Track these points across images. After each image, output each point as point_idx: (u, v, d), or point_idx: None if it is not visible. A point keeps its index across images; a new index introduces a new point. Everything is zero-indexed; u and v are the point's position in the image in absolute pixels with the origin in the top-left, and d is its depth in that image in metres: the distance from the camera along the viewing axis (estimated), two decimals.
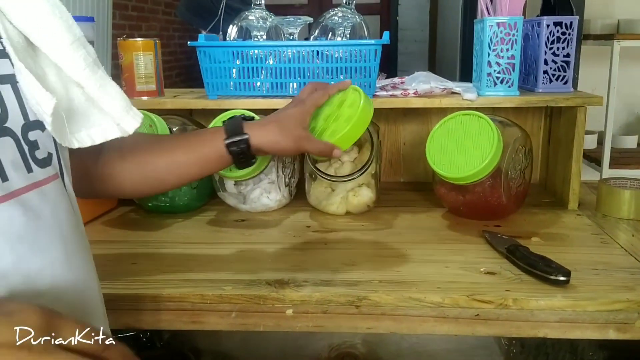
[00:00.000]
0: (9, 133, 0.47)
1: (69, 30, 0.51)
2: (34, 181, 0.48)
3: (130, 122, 0.55)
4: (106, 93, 0.53)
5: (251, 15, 1.13)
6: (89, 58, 0.52)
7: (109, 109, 0.53)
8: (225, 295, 0.72)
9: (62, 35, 0.50)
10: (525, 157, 0.98)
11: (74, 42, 0.51)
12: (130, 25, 3.31)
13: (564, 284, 0.72)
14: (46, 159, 0.51)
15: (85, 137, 0.53)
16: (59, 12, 0.51)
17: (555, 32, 1.05)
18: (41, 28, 0.49)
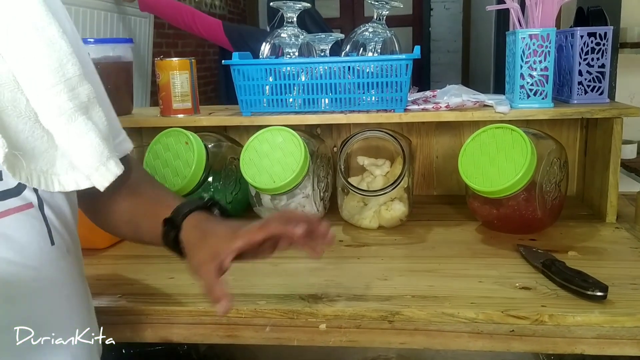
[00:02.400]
0: None
1: (57, 70, 0.48)
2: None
3: (99, 180, 0.52)
4: (77, 145, 0.50)
5: (283, 33, 1.15)
6: (68, 104, 0.49)
7: (78, 162, 0.51)
8: (259, 310, 0.73)
9: (45, 77, 0.48)
10: (560, 169, 0.96)
11: (56, 85, 0.48)
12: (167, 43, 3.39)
13: (601, 299, 0.70)
14: (11, 190, 0.50)
15: (71, 181, 0.52)
16: (49, 51, 0.48)
17: (589, 42, 1.03)
18: (25, 67, 0.47)
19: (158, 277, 0.85)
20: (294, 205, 1.07)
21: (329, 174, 1.14)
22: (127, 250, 0.98)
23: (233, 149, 1.10)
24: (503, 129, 0.92)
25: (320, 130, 1.24)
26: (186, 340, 0.76)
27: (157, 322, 0.74)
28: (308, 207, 1.07)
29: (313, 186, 1.06)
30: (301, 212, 0.70)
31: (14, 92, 0.48)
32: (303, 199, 1.07)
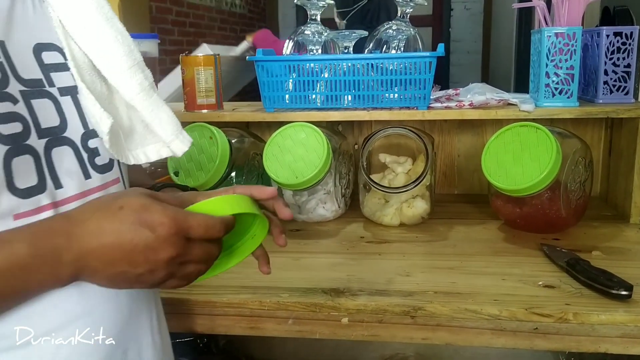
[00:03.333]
0: (67, 142, 0.50)
1: (130, 54, 0.53)
2: (89, 187, 0.51)
3: (179, 146, 0.57)
4: (157, 117, 0.55)
5: (307, 30, 1.16)
6: (145, 82, 0.54)
7: (160, 132, 0.56)
8: (282, 303, 0.74)
9: (122, 60, 0.53)
10: (585, 169, 0.96)
11: (132, 66, 0.53)
12: (187, 41, 3.42)
13: (626, 298, 0.70)
14: (107, 164, 0.54)
15: (141, 154, 0.56)
16: (121, 38, 0.54)
17: (615, 42, 1.02)
18: (103, 52, 0.52)
19: None
20: (315, 202, 1.07)
21: (350, 171, 1.14)
22: None
23: (255, 145, 1.11)
24: (528, 127, 0.92)
25: (342, 127, 1.25)
26: (210, 330, 0.77)
27: (181, 313, 0.75)
28: (329, 203, 1.08)
29: (335, 182, 1.07)
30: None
31: (92, 74, 0.53)
32: (324, 195, 1.07)
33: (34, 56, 0.49)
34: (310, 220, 1.08)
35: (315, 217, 1.08)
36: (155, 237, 0.44)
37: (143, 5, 2.89)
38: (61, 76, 0.51)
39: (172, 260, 0.46)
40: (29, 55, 0.49)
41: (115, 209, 0.45)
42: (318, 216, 1.08)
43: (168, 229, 0.45)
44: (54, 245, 0.43)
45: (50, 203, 0.47)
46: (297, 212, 1.08)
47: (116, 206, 0.45)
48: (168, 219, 0.45)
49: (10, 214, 0.44)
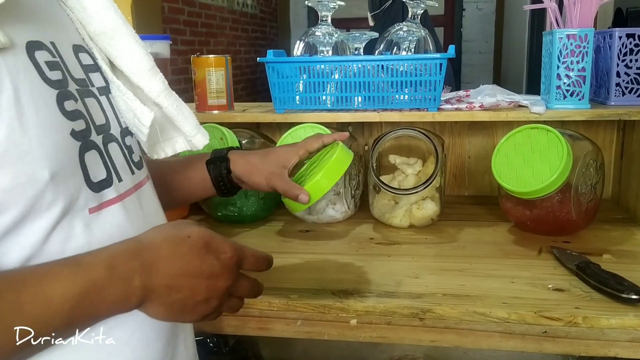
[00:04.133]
0: (114, 139, 0.52)
1: (147, 57, 0.55)
2: (136, 182, 0.54)
3: (200, 140, 0.60)
4: (181, 113, 0.58)
5: (318, 31, 1.16)
6: (165, 82, 0.56)
7: (183, 127, 0.58)
8: (291, 304, 0.74)
9: (144, 60, 0.54)
10: (596, 171, 0.95)
11: (152, 67, 0.55)
12: (199, 41, 3.44)
13: (636, 302, 0.70)
14: (140, 162, 0.56)
15: (168, 148, 0.60)
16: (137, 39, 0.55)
17: (627, 44, 1.02)
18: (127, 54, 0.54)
19: None
20: (324, 203, 1.08)
21: (360, 172, 1.15)
22: None
23: (266, 145, 1.11)
24: (538, 129, 0.92)
25: (352, 128, 1.25)
26: (218, 331, 0.77)
27: None
28: (339, 204, 1.08)
29: (344, 184, 1.07)
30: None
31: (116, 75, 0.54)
32: (334, 196, 1.08)
33: (75, 57, 0.50)
34: (320, 221, 1.09)
35: (325, 218, 1.08)
36: (220, 265, 0.48)
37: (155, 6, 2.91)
38: (95, 77, 0.52)
39: (227, 289, 0.50)
40: (72, 55, 0.50)
41: (184, 236, 0.48)
42: (328, 217, 1.08)
43: (231, 258, 0.49)
44: (129, 268, 0.44)
45: (117, 196, 0.49)
46: (306, 213, 1.09)
47: (184, 234, 0.48)
48: (231, 248, 0.50)
49: (85, 207, 0.46)
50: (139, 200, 0.54)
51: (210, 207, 1.10)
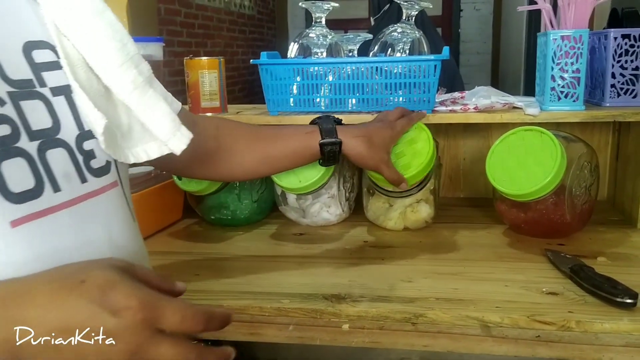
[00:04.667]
0: (61, 144, 0.48)
1: (122, 49, 0.51)
2: (87, 191, 0.50)
3: (176, 144, 0.55)
4: (153, 115, 0.53)
5: (312, 33, 1.16)
6: (139, 78, 0.52)
7: (156, 130, 0.54)
8: (283, 309, 0.74)
9: (113, 56, 0.51)
10: (591, 173, 0.94)
11: (124, 62, 0.51)
12: (196, 43, 3.44)
13: (631, 306, 0.69)
14: (103, 167, 0.52)
15: (142, 152, 0.54)
16: (112, 32, 0.51)
17: (623, 44, 1.01)
18: (93, 48, 0.50)
19: (183, 274, 0.86)
20: (319, 205, 1.07)
21: (355, 175, 1.14)
22: (154, 246, 1.00)
23: None
24: (532, 131, 0.91)
25: None
26: (210, 336, 0.76)
27: None
28: (333, 207, 1.07)
29: (339, 186, 1.06)
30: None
31: (87, 72, 0.51)
32: (328, 199, 1.07)
33: (24, 55, 0.47)
34: (314, 224, 1.08)
35: (319, 221, 1.08)
36: (115, 323, 0.37)
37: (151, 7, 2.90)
38: (54, 75, 0.49)
39: (132, 356, 0.37)
40: (18, 54, 0.47)
41: (76, 281, 0.38)
42: (322, 220, 1.08)
43: (133, 315, 0.37)
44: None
45: (47, 208, 0.45)
46: (300, 216, 1.08)
47: (78, 278, 0.38)
48: (137, 302, 0.37)
49: (5, 221, 0.42)
50: (87, 212, 0.49)
51: (204, 210, 1.09)
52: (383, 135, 0.88)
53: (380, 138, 0.87)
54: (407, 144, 0.95)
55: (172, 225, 1.12)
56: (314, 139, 0.83)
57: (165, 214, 1.09)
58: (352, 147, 0.84)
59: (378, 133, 0.87)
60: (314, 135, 0.83)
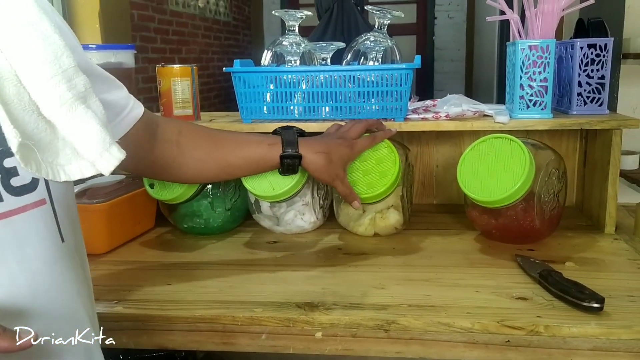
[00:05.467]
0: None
1: (54, 62, 0.49)
2: (4, 211, 0.48)
3: (104, 165, 0.52)
4: (79, 134, 0.50)
5: (285, 41, 1.16)
6: (67, 95, 0.49)
7: (82, 150, 0.51)
8: (255, 317, 0.74)
9: (42, 70, 0.48)
10: (559, 180, 0.96)
11: (54, 76, 0.48)
12: (171, 49, 3.41)
13: (597, 310, 0.70)
14: (27, 185, 0.51)
15: (76, 170, 0.51)
16: (44, 44, 0.49)
17: (589, 54, 1.04)
18: (22, 61, 0.48)
19: (155, 283, 0.85)
20: (293, 213, 1.07)
21: None
22: (124, 256, 0.99)
23: None
24: (502, 139, 0.93)
25: None
26: (182, 347, 0.76)
27: (152, 329, 0.75)
28: (307, 214, 1.07)
29: (313, 194, 1.06)
30: None
31: (17, 86, 0.48)
32: (303, 207, 1.07)
33: None
34: (288, 231, 1.08)
35: (294, 228, 1.08)
36: None
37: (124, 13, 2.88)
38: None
39: None
40: None
41: None
42: (296, 227, 1.08)
43: None
44: None
45: None
46: (274, 224, 1.08)
47: None
48: None
49: None
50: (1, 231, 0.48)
51: (176, 219, 1.08)
52: (341, 153, 0.90)
53: (338, 156, 0.89)
54: (375, 162, 0.97)
55: (144, 234, 1.10)
56: (275, 151, 0.85)
57: (136, 223, 1.08)
58: (310, 162, 0.86)
59: (337, 151, 0.89)
60: (276, 147, 0.85)
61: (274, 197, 0.97)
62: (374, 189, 0.95)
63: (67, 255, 0.56)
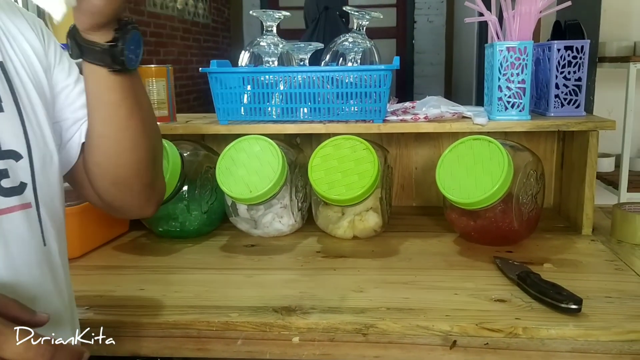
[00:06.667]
0: None
1: None
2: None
3: (56, 8, 0.50)
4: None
5: (263, 42, 1.14)
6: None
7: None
8: (231, 323, 0.72)
9: None
10: (537, 181, 0.96)
11: None
12: (148, 51, 3.37)
13: (575, 312, 0.70)
14: (15, 188, 0.52)
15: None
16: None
17: (566, 56, 1.04)
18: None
19: (128, 289, 0.83)
20: (271, 216, 1.06)
21: (307, 184, 1.13)
22: (97, 260, 0.96)
23: (210, 158, 1.08)
24: (480, 140, 0.92)
25: (300, 139, 1.23)
26: (155, 353, 0.74)
27: (125, 335, 0.72)
28: (286, 217, 1.06)
29: (291, 196, 1.05)
30: None
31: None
32: (281, 209, 1.06)
33: None
34: (267, 235, 1.06)
35: (272, 231, 1.06)
36: None
37: None
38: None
39: None
40: None
41: None
42: (274, 231, 1.06)
43: None
44: None
45: None
46: (252, 227, 1.06)
47: None
48: None
49: None
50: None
51: (151, 222, 1.06)
52: None
53: None
54: (354, 164, 0.96)
55: (118, 238, 1.08)
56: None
57: (110, 227, 1.06)
58: None
59: None
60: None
61: (251, 200, 0.95)
62: (353, 191, 0.93)
63: (47, 259, 0.57)
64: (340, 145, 0.99)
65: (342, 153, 0.98)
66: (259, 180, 0.95)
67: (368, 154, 0.96)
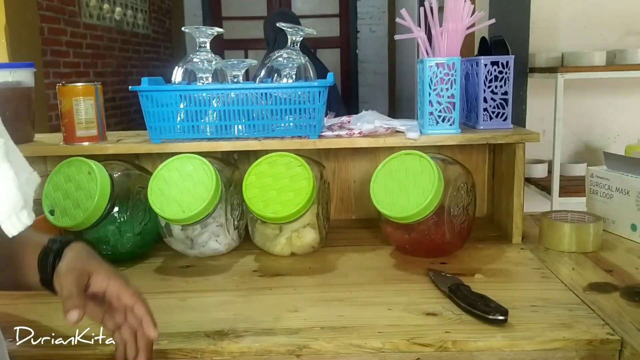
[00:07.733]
0: None
1: None
2: None
3: (9, 227, 0.52)
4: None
5: (195, 58, 1.13)
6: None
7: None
8: (161, 351, 0.70)
9: None
10: (467, 193, 0.99)
11: None
12: (85, 63, 3.27)
13: (502, 323, 0.72)
14: None
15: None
16: None
17: (492, 71, 1.08)
18: None
19: (52, 318, 0.79)
20: (207, 235, 1.04)
21: (243, 201, 1.12)
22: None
23: (142, 178, 1.06)
24: (412, 155, 0.94)
25: (238, 156, 1.22)
26: None
27: None
28: (222, 236, 1.04)
29: (226, 215, 1.04)
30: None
31: None
32: (217, 228, 1.04)
33: None
34: (202, 254, 1.05)
35: (208, 251, 1.04)
36: None
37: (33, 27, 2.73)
38: None
39: None
40: None
41: None
42: (211, 250, 1.04)
43: None
44: None
45: None
46: (188, 247, 1.04)
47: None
48: None
49: None
50: None
51: None
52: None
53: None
54: (289, 180, 0.96)
55: None
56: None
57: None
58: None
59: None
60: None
61: (184, 220, 0.94)
62: (289, 208, 0.93)
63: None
64: (275, 162, 0.99)
65: (277, 170, 0.98)
66: (192, 200, 0.94)
67: (303, 170, 0.96)
